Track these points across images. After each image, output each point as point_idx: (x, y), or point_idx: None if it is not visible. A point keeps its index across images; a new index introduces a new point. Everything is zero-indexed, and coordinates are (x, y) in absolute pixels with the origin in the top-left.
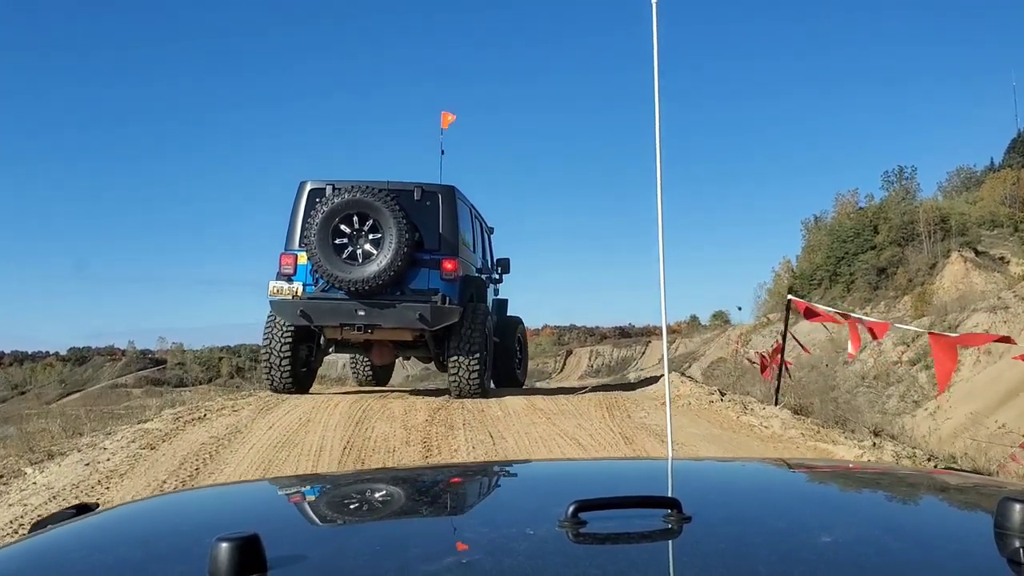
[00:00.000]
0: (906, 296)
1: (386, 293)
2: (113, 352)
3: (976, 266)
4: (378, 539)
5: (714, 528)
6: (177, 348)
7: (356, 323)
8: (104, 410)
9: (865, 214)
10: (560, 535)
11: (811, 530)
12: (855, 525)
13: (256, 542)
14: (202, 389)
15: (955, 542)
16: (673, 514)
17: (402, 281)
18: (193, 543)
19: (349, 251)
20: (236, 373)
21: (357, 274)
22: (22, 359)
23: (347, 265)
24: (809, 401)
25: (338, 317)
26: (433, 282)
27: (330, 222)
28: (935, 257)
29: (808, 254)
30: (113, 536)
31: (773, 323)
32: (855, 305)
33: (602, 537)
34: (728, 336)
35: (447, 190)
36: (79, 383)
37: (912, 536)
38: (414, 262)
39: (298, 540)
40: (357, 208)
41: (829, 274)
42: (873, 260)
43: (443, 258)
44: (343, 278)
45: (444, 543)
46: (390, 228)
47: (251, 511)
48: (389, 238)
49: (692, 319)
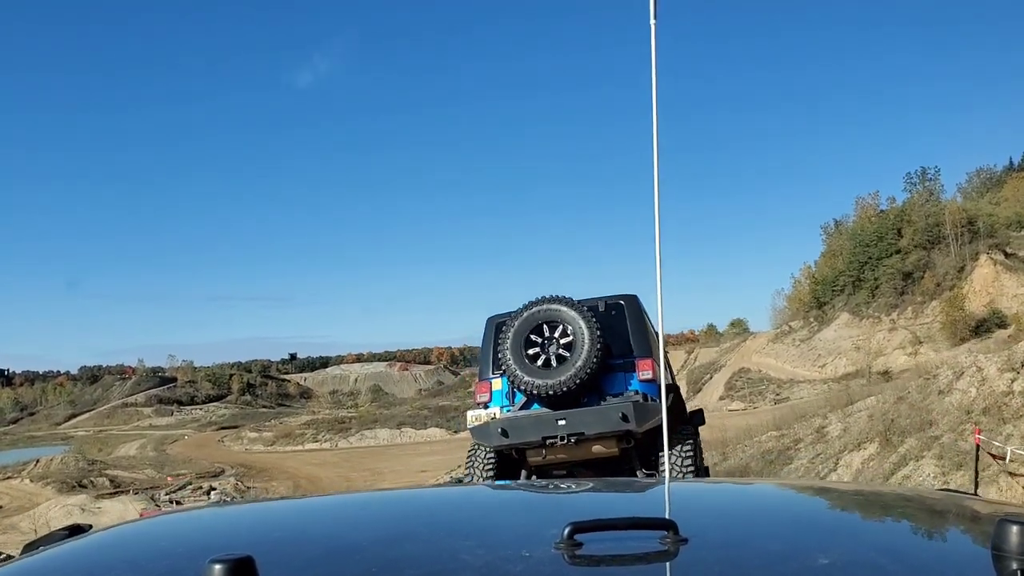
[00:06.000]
0: (934, 301)
1: (584, 399)
2: (124, 370)
3: (1006, 268)
4: (373, 561)
5: (711, 550)
6: (187, 365)
7: (558, 434)
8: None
9: (887, 217)
10: (556, 557)
11: (809, 552)
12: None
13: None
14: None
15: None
16: (670, 536)
17: (599, 386)
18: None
19: (543, 359)
20: (247, 390)
21: (553, 378)
22: (33, 379)
23: (542, 371)
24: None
25: (539, 430)
26: (631, 384)
27: (521, 336)
28: (963, 260)
29: (829, 259)
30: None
31: (795, 331)
32: (881, 311)
33: (598, 559)
34: (747, 346)
35: (630, 298)
36: (89, 403)
37: (909, 558)
38: (608, 368)
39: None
40: (545, 317)
41: (852, 279)
42: (898, 264)
43: (637, 359)
44: (540, 384)
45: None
46: (580, 329)
47: (244, 533)
48: (580, 339)
49: (709, 328)
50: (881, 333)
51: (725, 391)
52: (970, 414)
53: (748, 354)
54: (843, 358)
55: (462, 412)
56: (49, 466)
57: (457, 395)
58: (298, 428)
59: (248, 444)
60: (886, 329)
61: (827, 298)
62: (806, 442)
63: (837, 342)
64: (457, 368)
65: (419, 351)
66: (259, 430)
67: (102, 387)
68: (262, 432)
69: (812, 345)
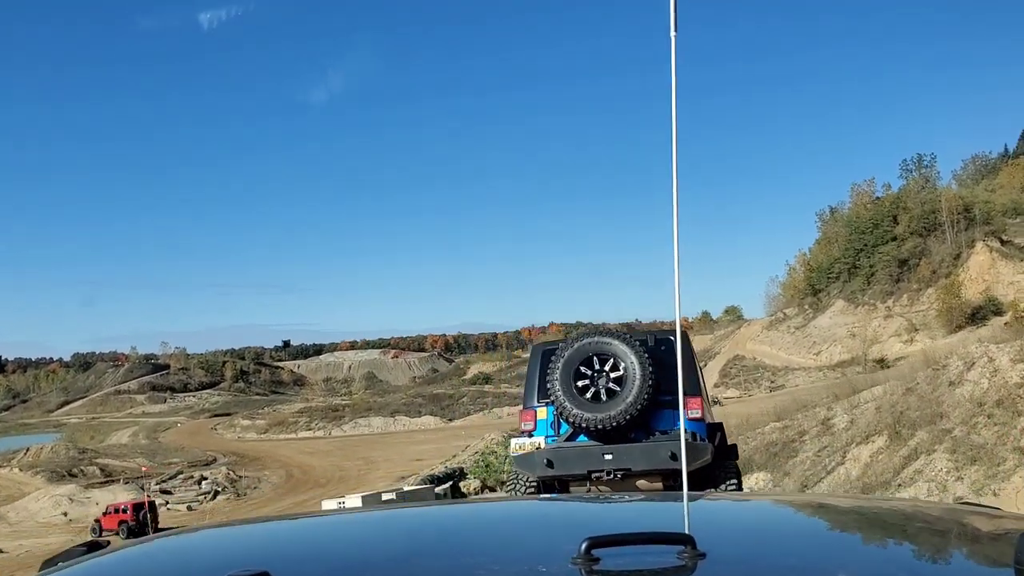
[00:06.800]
0: (930, 288)
1: (631, 435)
2: (116, 357)
3: (1002, 255)
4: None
5: (729, 565)
6: (180, 352)
7: (604, 468)
8: None
9: (883, 204)
10: (573, 572)
11: (827, 568)
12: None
13: None
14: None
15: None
16: (687, 551)
17: (646, 422)
18: None
19: (592, 391)
20: (240, 377)
21: (603, 412)
22: (26, 366)
23: (592, 404)
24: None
25: (585, 463)
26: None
27: (571, 367)
28: (959, 247)
29: (824, 246)
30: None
31: (790, 318)
32: (876, 299)
33: (615, 574)
34: (742, 333)
35: (681, 334)
36: (81, 390)
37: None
38: (657, 404)
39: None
40: (596, 350)
41: (848, 267)
42: (894, 251)
43: (687, 397)
44: (590, 417)
45: None
46: (632, 364)
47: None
48: (632, 374)
49: (704, 315)
50: (876, 320)
51: (720, 378)
52: (982, 406)
53: (743, 341)
54: (838, 345)
55: (456, 400)
56: (39, 455)
57: (451, 383)
58: (291, 416)
59: (241, 432)
60: (881, 316)
61: (822, 285)
62: (811, 434)
63: (832, 329)
64: (451, 356)
65: (413, 338)
66: (252, 418)
67: (95, 374)
68: (255, 420)
69: (807, 332)
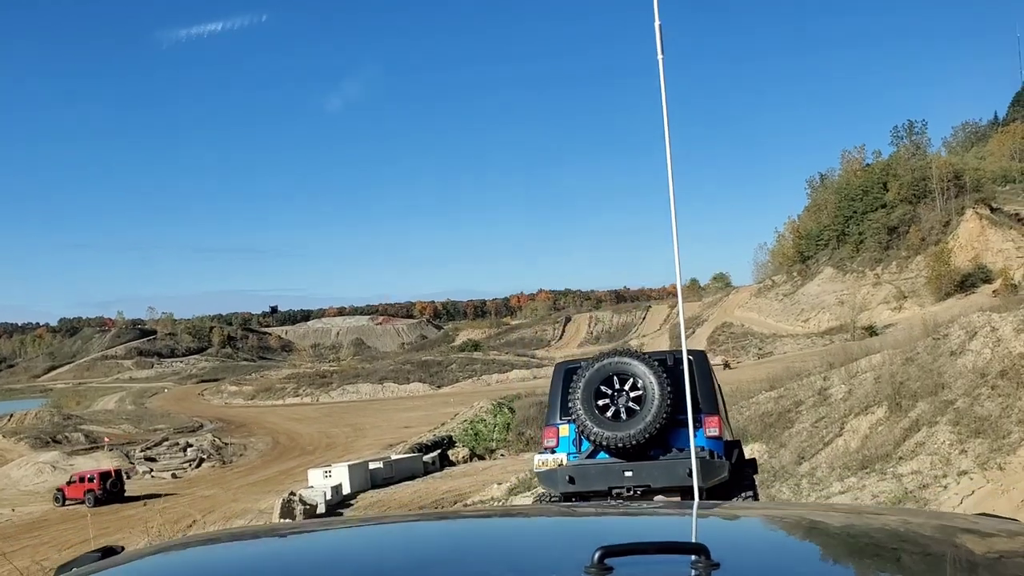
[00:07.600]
0: (919, 255)
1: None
2: (104, 322)
3: (992, 223)
4: None
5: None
6: (168, 318)
7: (624, 484)
8: None
9: (873, 171)
10: None
11: None
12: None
13: None
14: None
15: None
16: (701, 560)
17: (665, 440)
18: None
19: (612, 410)
20: (227, 343)
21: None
22: (11, 331)
23: (612, 423)
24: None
25: (606, 479)
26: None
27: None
28: (948, 215)
29: (813, 213)
30: None
31: (778, 285)
32: (866, 266)
33: None
34: (730, 300)
35: (699, 353)
36: (68, 355)
37: None
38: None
39: None
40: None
41: (837, 234)
42: (883, 219)
43: (704, 415)
44: (610, 435)
45: None
46: (651, 384)
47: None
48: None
49: (692, 282)
50: (865, 288)
51: (708, 345)
52: (986, 377)
53: (731, 308)
54: (827, 313)
55: (445, 367)
56: (23, 421)
57: (440, 350)
58: (279, 382)
59: (228, 398)
60: (870, 284)
61: (811, 252)
62: (807, 404)
63: (821, 297)
64: (440, 322)
65: (402, 305)
66: (239, 384)
67: (82, 339)
68: (242, 386)
69: (795, 300)
